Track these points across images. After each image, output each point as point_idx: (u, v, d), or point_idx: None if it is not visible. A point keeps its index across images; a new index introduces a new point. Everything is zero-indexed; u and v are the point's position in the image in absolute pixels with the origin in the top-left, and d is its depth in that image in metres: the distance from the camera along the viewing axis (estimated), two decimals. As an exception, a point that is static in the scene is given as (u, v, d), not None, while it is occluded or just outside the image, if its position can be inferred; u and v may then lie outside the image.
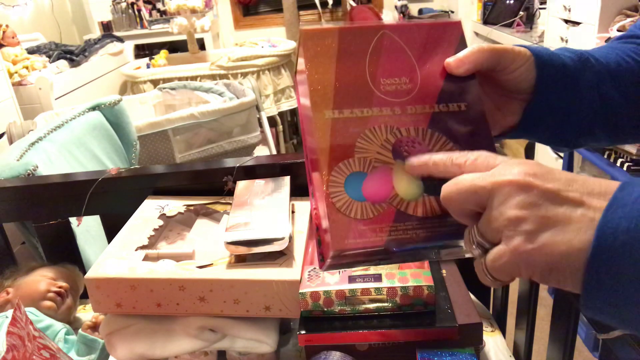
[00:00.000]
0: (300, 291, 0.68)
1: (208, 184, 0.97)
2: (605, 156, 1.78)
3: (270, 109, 3.23)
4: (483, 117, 0.46)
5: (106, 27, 3.89)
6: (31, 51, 2.82)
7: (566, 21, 2.26)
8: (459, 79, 0.47)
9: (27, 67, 2.57)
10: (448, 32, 0.49)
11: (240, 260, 0.75)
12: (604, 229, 0.32)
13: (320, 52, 0.46)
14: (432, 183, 0.42)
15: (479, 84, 0.49)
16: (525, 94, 0.52)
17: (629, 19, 1.89)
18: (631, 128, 0.56)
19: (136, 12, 3.92)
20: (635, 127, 0.56)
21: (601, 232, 0.32)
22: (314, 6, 4.17)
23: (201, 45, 3.76)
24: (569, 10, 2.20)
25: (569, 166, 2.04)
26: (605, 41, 1.78)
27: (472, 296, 0.82)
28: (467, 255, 0.42)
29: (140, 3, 3.89)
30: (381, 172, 0.43)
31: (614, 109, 0.53)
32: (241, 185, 0.91)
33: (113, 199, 0.99)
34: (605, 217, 0.33)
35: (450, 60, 0.48)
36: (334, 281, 0.70)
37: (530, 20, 3.07)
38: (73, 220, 1.06)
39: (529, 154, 2.64)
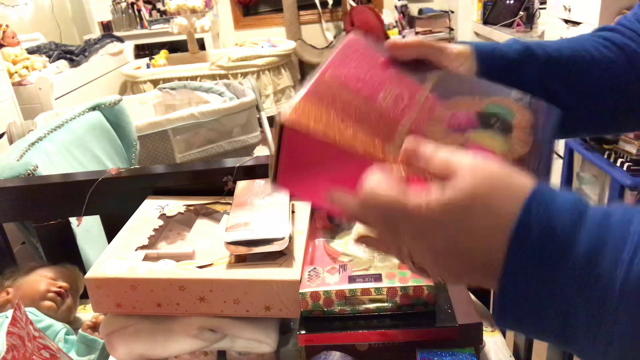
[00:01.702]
0: (300, 291, 0.68)
1: (208, 184, 0.97)
2: (605, 156, 1.78)
3: (270, 109, 3.24)
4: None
5: (106, 27, 3.89)
6: (31, 51, 2.82)
7: (566, 21, 2.26)
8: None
9: (27, 67, 2.57)
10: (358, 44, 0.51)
11: (240, 260, 0.75)
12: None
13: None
14: None
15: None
16: None
17: (629, 19, 1.88)
18: (580, 122, 0.57)
19: (136, 12, 3.92)
20: (585, 121, 0.57)
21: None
22: (314, 6, 4.17)
23: (201, 45, 3.76)
24: (569, 10, 2.20)
25: (569, 166, 2.04)
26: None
27: (472, 296, 0.82)
28: None
29: (140, 3, 3.89)
30: None
31: (560, 102, 0.52)
32: (241, 185, 0.91)
33: (113, 199, 0.99)
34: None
35: (397, 42, 0.50)
36: (334, 281, 0.70)
37: (530, 20, 3.07)
38: (73, 220, 1.06)
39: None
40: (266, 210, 0.80)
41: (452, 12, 3.89)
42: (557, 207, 0.33)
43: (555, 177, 2.14)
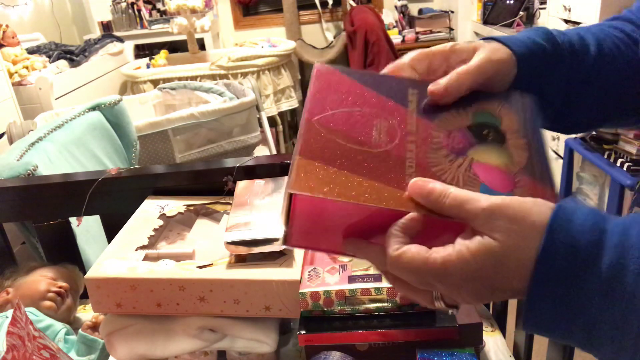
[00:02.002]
0: (300, 291, 0.69)
1: (208, 184, 0.97)
2: (605, 156, 1.78)
3: (270, 109, 3.23)
4: None
5: (106, 27, 3.88)
6: (31, 51, 2.82)
7: (566, 21, 2.26)
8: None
9: (27, 67, 2.57)
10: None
11: (240, 260, 0.75)
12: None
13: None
14: None
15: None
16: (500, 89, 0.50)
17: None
18: (595, 119, 0.57)
19: (136, 12, 3.92)
20: (599, 118, 0.57)
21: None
22: (314, 6, 4.17)
23: (201, 45, 3.75)
24: (569, 10, 2.20)
25: (569, 166, 2.04)
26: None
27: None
28: None
29: (140, 3, 3.89)
30: None
31: (579, 101, 0.53)
32: (241, 185, 0.91)
33: (113, 199, 0.99)
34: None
35: (434, 89, 0.46)
36: (334, 281, 0.70)
37: (530, 20, 3.07)
38: (73, 220, 1.06)
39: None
40: (266, 210, 0.80)
41: (452, 12, 3.88)
42: (577, 227, 0.34)
43: (556, 177, 2.14)
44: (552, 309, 0.35)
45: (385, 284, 0.68)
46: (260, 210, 0.81)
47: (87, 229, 1.18)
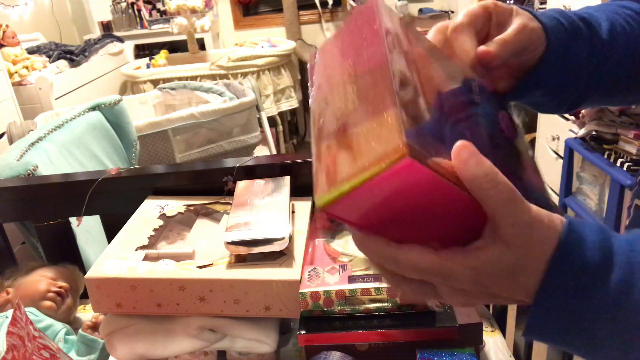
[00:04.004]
0: (300, 291, 0.68)
1: (208, 184, 0.97)
2: (605, 156, 1.78)
3: (270, 109, 3.23)
4: None
5: (106, 27, 3.88)
6: (31, 51, 2.82)
7: (566, 21, 2.25)
8: None
9: (27, 67, 2.57)
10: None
11: (240, 260, 0.75)
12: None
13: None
14: None
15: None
16: (526, 66, 0.50)
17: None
18: (604, 96, 0.56)
19: (136, 12, 3.91)
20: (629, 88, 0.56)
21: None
22: (314, 6, 4.17)
23: (201, 45, 3.75)
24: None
25: (569, 166, 2.04)
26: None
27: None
28: None
29: (140, 3, 3.88)
30: None
31: (592, 81, 0.52)
32: (241, 185, 0.91)
33: (113, 199, 0.99)
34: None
35: (486, 50, 0.45)
36: (334, 281, 0.70)
37: (530, 20, 3.07)
38: (73, 220, 1.06)
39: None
40: (266, 210, 0.80)
41: (452, 12, 3.88)
42: (588, 244, 0.34)
43: (556, 177, 2.15)
44: (557, 322, 0.35)
45: (385, 283, 0.68)
46: (260, 210, 0.81)
47: (87, 229, 1.18)
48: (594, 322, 0.34)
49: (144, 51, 4.04)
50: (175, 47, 3.98)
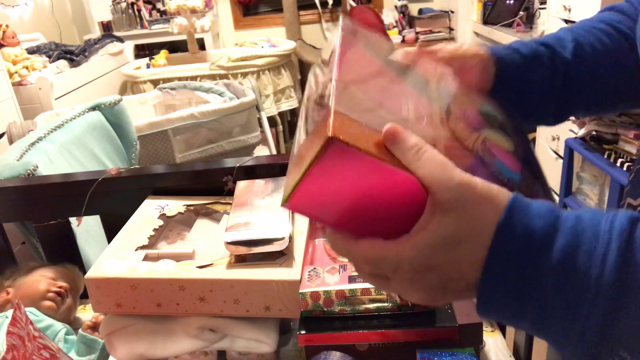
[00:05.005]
0: (300, 291, 0.68)
1: (208, 184, 0.97)
2: (605, 156, 1.78)
3: (270, 109, 3.23)
4: None
5: (106, 27, 3.88)
6: (31, 51, 2.82)
7: (566, 21, 2.25)
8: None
9: (27, 67, 2.57)
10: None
11: (240, 260, 0.75)
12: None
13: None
14: None
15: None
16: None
17: (629, 19, 1.88)
18: (581, 107, 0.60)
19: (136, 12, 3.92)
20: (586, 106, 0.60)
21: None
22: (314, 6, 4.17)
23: (201, 45, 3.75)
24: (569, 10, 2.20)
25: (569, 166, 2.04)
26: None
27: (472, 296, 0.82)
28: None
29: (140, 3, 3.89)
30: None
31: (567, 98, 0.57)
32: (241, 185, 0.91)
33: (113, 199, 0.99)
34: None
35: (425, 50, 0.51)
36: (334, 281, 0.70)
37: (530, 20, 3.06)
38: (73, 220, 1.06)
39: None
40: (266, 210, 0.80)
41: (452, 12, 3.88)
42: (533, 212, 0.35)
43: (556, 177, 2.15)
44: (506, 288, 0.35)
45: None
46: (260, 210, 0.81)
47: (87, 229, 1.18)
48: (542, 288, 0.34)
49: (144, 51, 4.04)
50: (175, 47, 3.98)
